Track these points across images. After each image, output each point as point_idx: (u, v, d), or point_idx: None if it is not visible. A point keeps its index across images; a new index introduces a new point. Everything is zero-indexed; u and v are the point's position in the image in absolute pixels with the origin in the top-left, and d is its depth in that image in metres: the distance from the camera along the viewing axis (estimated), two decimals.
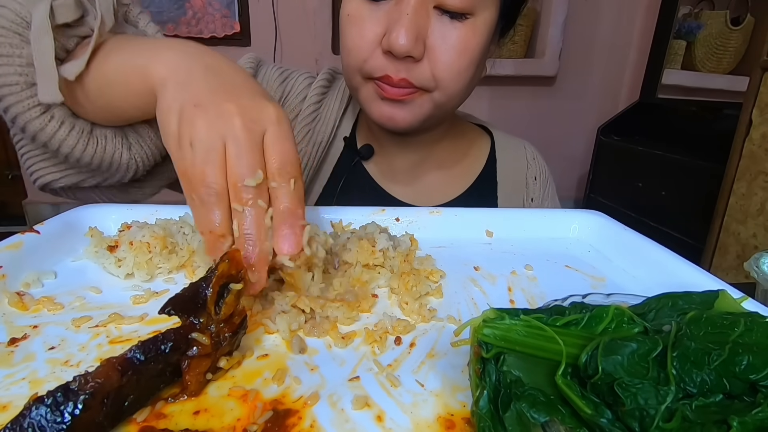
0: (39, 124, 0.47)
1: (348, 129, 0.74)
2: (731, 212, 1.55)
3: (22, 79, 0.46)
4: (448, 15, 0.55)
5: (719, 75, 2.40)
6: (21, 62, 0.45)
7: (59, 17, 0.45)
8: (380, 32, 0.56)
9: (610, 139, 2.22)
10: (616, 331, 0.26)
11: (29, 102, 0.46)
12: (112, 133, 0.52)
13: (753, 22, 2.28)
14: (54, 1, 0.44)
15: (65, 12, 0.45)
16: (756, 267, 0.53)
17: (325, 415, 0.26)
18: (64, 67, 0.45)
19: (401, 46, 0.53)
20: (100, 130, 0.51)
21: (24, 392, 0.26)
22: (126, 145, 0.53)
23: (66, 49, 0.48)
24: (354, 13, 0.57)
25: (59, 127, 0.48)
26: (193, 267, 0.42)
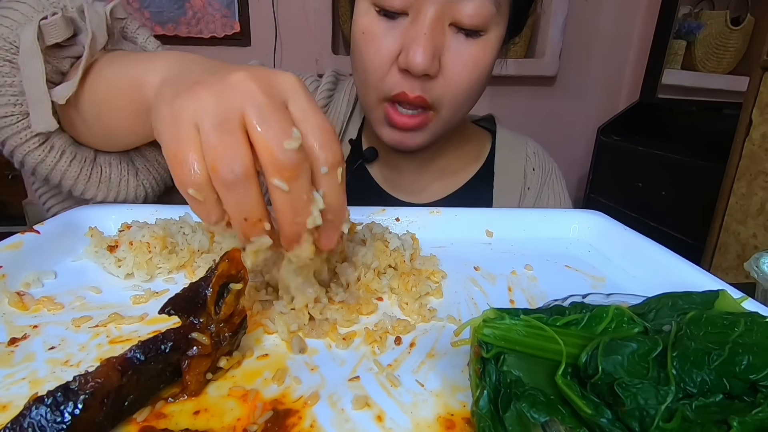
0: (38, 155, 0.44)
1: (354, 131, 0.74)
2: (731, 212, 1.55)
3: (17, 109, 0.43)
4: (463, 32, 0.55)
5: (719, 75, 2.40)
6: (14, 91, 0.43)
7: (48, 38, 0.42)
8: (396, 50, 0.55)
9: (610, 139, 2.21)
10: (616, 331, 0.26)
11: (26, 133, 0.43)
12: (117, 160, 0.49)
13: (753, 22, 2.28)
14: (42, 21, 0.41)
15: (55, 32, 0.42)
16: (756, 267, 0.53)
17: (325, 415, 0.26)
18: (55, 91, 0.42)
19: (419, 65, 0.53)
20: (103, 157, 0.48)
21: (24, 392, 0.26)
22: (132, 171, 0.50)
23: (61, 72, 0.45)
24: (369, 30, 0.57)
25: (60, 158, 0.45)
26: (193, 267, 0.42)
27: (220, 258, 0.30)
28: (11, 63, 0.43)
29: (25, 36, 0.41)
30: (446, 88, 0.57)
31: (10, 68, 0.43)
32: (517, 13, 0.60)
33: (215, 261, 0.30)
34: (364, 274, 0.39)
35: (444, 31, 0.55)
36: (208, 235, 0.44)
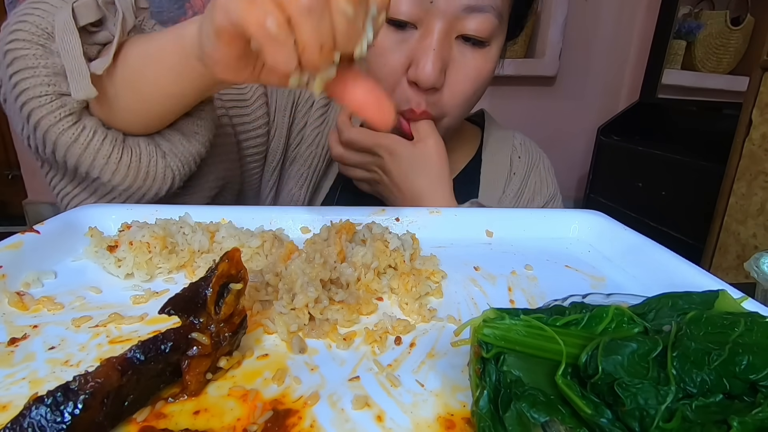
0: (71, 135, 0.45)
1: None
2: (731, 212, 1.55)
3: (50, 89, 0.45)
4: (469, 43, 0.58)
5: (719, 75, 2.40)
6: (47, 72, 0.44)
7: (81, 19, 0.44)
8: (405, 63, 0.57)
9: (610, 139, 2.22)
10: (616, 331, 0.26)
11: (60, 112, 0.45)
12: (145, 142, 0.50)
13: (753, 22, 2.28)
14: (74, 3, 0.44)
15: (87, 13, 0.45)
16: (756, 267, 0.53)
17: (325, 415, 0.26)
18: (92, 64, 0.44)
19: (429, 78, 0.55)
20: (132, 138, 0.50)
21: (24, 392, 0.26)
22: (160, 153, 0.51)
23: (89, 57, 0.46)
24: (378, 43, 0.57)
25: (92, 137, 0.46)
26: (193, 267, 0.42)
27: (220, 258, 0.30)
28: (43, 47, 0.44)
29: (60, 17, 0.44)
30: (450, 99, 0.60)
31: (42, 51, 0.44)
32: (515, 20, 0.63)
33: (215, 261, 0.30)
34: (364, 274, 0.39)
35: (451, 44, 0.57)
36: (208, 234, 0.44)
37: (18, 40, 0.44)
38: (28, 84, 0.44)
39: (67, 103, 0.45)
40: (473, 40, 0.58)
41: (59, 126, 0.45)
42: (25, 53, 0.44)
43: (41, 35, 0.45)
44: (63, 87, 0.45)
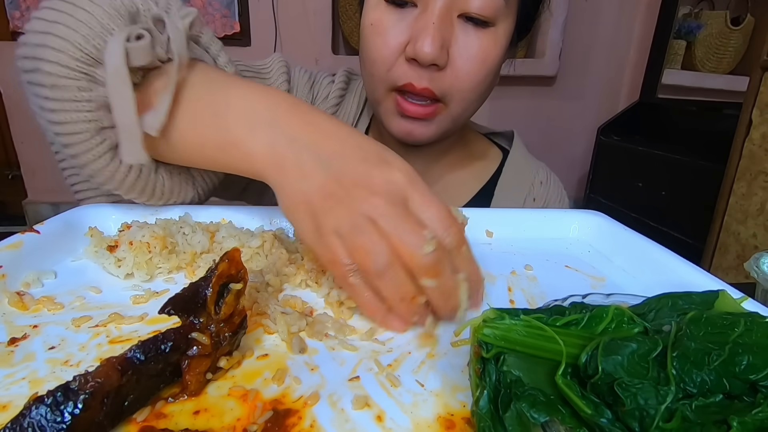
0: (109, 171, 0.42)
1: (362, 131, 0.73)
2: (731, 212, 1.55)
3: (92, 126, 0.40)
4: (471, 23, 0.55)
5: (719, 75, 2.40)
6: (90, 107, 0.40)
7: (134, 61, 0.39)
8: (404, 41, 0.55)
9: (610, 139, 2.22)
10: (616, 331, 0.26)
11: (99, 150, 0.41)
12: (178, 170, 0.48)
13: (753, 22, 2.28)
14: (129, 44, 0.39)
15: (140, 55, 0.39)
16: (756, 267, 0.53)
17: (325, 415, 0.26)
18: (145, 121, 0.39)
19: (427, 54, 0.53)
20: (164, 167, 0.46)
21: (24, 392, 0.26)
22: (190, 180, 0.49)
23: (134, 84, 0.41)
24: (378, 22, 0.57)
25: (128, 174, 0.43)
26: (193, 267, 0.42)
27: (220, 258, 0.30)
28: (88, 76, 0.39)
29: (112, 56, 0.38)
30: (455, 81, 0.57)
31: (87, 82, 0.39)
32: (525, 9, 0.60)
33: (215, 261, 0.30)
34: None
35: (452, 22, 0.55)
36: (208, 235, 0.44)
37: (57, 64, 0.39)
38: (66, 118, 0.40)
39: (106, 137, 0.41)
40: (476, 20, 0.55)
41: (98, 163, 0.42)
42: (65, 83, 0.39)
43: (86, 61, 0.39)
44: (104, 121, 0.41)
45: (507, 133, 0.82)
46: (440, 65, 0.55)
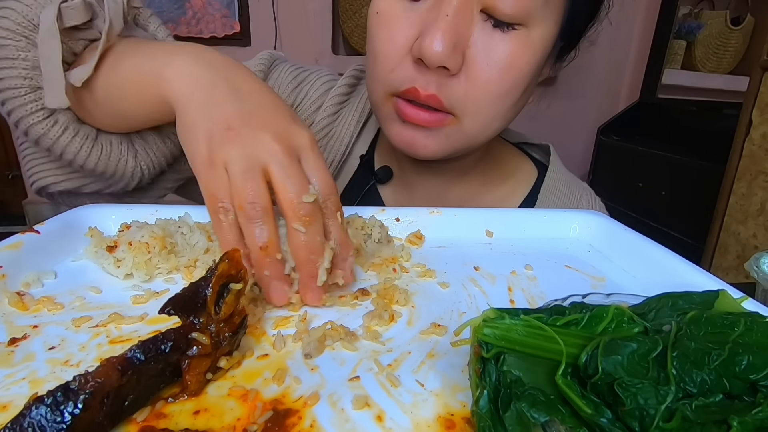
0: (41, 128, 0.46)
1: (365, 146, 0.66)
2: (731, 212, 1.55)
3: (26, 83, 0.45)
4: (496, 23, 0.46)
5: (719, 75, 2.40)
6: (26, 65, 0.44)
7: (67, 20, 0.44)
8: (413, 36, 0.47)
9: (610, 139, 2.22)
10: (616, 331, 0.26)
11: (32, 106, 0.45)
12: (118, 140, 0.50)
13: (753, 22, 2.28)
14: (62, 3, 0.43)
15: (73, 15, 0.44)
16: (756, 267, 0.53)
17: (325, 415, 0.26)
18: (71, 73, 0.44)
19: (435, 54, 0.44)
20: (105, 136, 0.49)
21: (24, 392, 0.26)
22: (132, 152, 0.51)
23: (74, 52, 0.46)
24: (384, 12, 0.49)
25: (62, 133, 0.46)
26: (193, 267, 0.41)
27: (220, 258, 0.30)
28: (27, 39, 0.44)
29: (46, 16, 0.43)
30: (470, 91, 0.48)
31: (25, 43, 0.44)
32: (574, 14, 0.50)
33: (215, 261, 0.30)
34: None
35: (472, 18, 0.46)
36: (205, 234, 0.44)
37: (2, 28, 0.44)
38: (4, 74, 0.44)
39: (40, 97, 0.45)
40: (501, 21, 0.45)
41: (30, 119, 0.45)
42: (6, 43, 0.44)
43: (27, 26, 0.44)
44: (40, 81, 0.45)
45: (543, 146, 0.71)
46: (451, 69, 0.46)
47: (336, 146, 0.64)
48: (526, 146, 0.72)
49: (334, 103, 0.64)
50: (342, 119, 0.65)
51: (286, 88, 0.64)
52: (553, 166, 0.67)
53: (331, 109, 0.64)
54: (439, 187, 0.64)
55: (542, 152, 0.71)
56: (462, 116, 0.50)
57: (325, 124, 0.64)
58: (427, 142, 0.52)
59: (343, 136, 0.64)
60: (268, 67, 0.64)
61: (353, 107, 0.65)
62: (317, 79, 0.66)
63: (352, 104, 0.66)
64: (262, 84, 0.40)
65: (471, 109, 0.49)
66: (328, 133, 0.64)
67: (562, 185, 0.66)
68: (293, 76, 0.65)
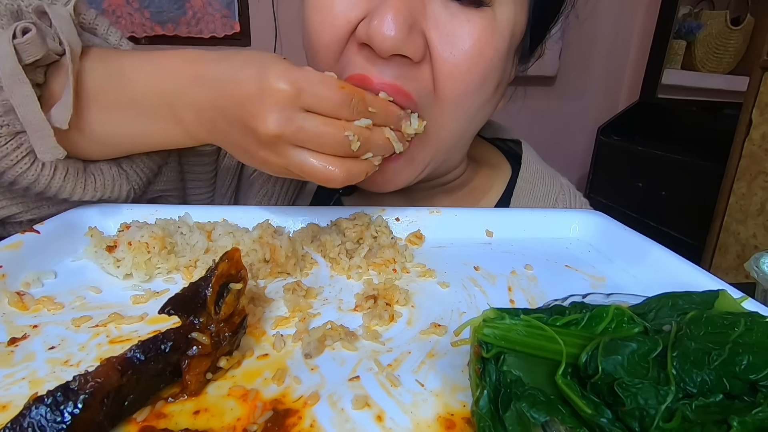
0: (31, 175, 0.41)
1: None
2: (731, 212, 1.55)
3: (4, 131, 0.39)
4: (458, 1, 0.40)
5: (719, 75, 2.40)
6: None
7: (27, 57, 0.38)
8: (355, 17, 0.40)
9: (610, 139, 2.22)
10: (616, 331, 0.26)
11: (16, 155, 0.40)
12: (107, 166, 0.46)
13: (753, 22, 2.28)
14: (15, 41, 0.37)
15: (32, 49, 0.38)
16: (756, 267, 0.53)
17: (325, 415, 0.26)
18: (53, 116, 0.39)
19: (386, 39, 0.37)
20: (94, 165, 0.45)
21: (24, 392, 0.26)
22: (123, 175, 0.48)
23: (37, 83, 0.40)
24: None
25: (53, 175, 0.42)
26: (193, 267, 0.41)
27: (219, 258, 0.30)
28: None
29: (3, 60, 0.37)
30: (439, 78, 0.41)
31: None
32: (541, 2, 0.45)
33: (215, 261, 0.30)
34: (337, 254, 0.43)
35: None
36: (205, 234, 0.44)
37: None
38: None
39: (22, 141, 0.40)
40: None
41: (17, 168, 0.40)
42: None
43: None
44: (17, 125, 0.39)
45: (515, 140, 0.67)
46: (412, 56, 0.39)
47: None
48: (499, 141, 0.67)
49: None
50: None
51: None
52: (525, 165, 0.62)
53: None
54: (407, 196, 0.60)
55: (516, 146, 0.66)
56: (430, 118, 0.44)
57: None
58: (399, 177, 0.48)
59: None
60: None
61: None
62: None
63: None
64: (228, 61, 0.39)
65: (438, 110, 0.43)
66: None
67: (537, 186, 0.61)
68: None
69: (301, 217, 0.51)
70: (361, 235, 0.46)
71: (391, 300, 0.37)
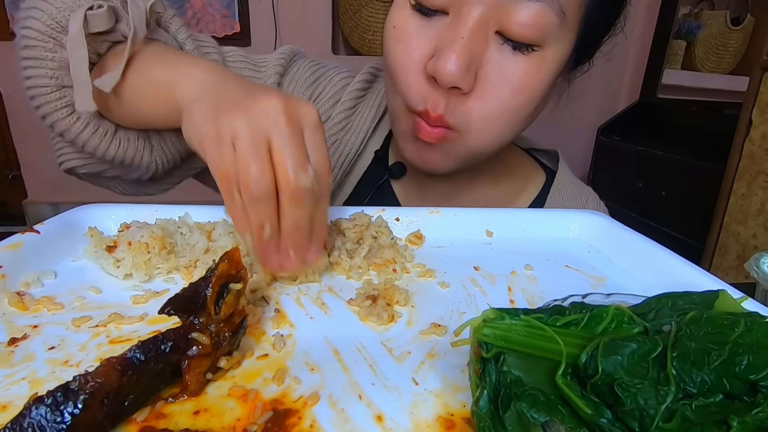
0: (65, 124, 0.49)
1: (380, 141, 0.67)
2: (731, 212, 1.55)
3: (53, 81, 0.48)
4: (511, 44, 0.46)
5: (719, 75, 2.40)
6: (53, 65, 0.47)
7: (93, 26, 0.46)
8: (428, 53, 0.48)
9: (610, 139, 2.22)
10: (616, 331, 0.26)
11: (57, 104, 0.48)
12: (135, 136, 0.53)
13: (753, 22, 2.28)
14: (88, 11, 0.46)
15: (98, 21, 0.47)
16: (756, 267, 0.53)
17: (325, 415, 0.26)
18: (100, 80, 0.46)
19: (449, 74, 0.45)
20: (123, 132, 0.52)
21: (24, 392, 0.26)
22: (148, 148, 0.54)
23: (98, 53, 0.49)
24: (401, 26, 0.49)
25: (84, 128, 0.50)
26: (193, 267, 0.41)
27: (219, 258, 0.30)
28: (54, 40, 0.47)
29: (73, 23, 0.45)
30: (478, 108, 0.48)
31: (53, 44, 0.47)
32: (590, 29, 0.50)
33: (215, 261, 0.30)
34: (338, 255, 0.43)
35: (488, 39, 0.46)
36: (205, 234, 0.44)
37: (31, 29, 0.47)
38: (33, 73, 0.47)
39: (66, 95, 0.48)
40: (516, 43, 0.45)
41: (56, 115, 0.49)
42: (35, 44, 0.47)
43: (55, 27, 0.47)
44: (65, 80, 0.48)
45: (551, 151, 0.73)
46: (464, 89, 0.47)
47: (352, 140, 0.65)
48: (534, 152, 0.74)
49: (351, 98, 0.65)
50: (358, 114, 0.66)
51: (304, 83, 0.65)
52: (561, 170, 0.69)
53: (349, 103, 0.65)
54: (450, 186, 0.65)
55: (550, 157, 0.73)
56: (465, 132, 0.50)
57: (342, 117, 0.65)
58: (434, 158, 0.54)
59: (359, 130, 0.65)
60: (288, 61, 0.65)
61: (369, 103, 0.66)
62: (335, 74, 0.67)
63: (368, 100, 0.66)
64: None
65: (477, 126, 0.50)
66: (345, 127, 0.65)
67: (569, 189, 0.67)
68: (312, 71, 0.66)
69: None
70: (361, 236, 0.46)
71: (391, 300, 0.37)
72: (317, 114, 0.37)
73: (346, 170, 0.66)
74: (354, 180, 0.67)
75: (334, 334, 0.33)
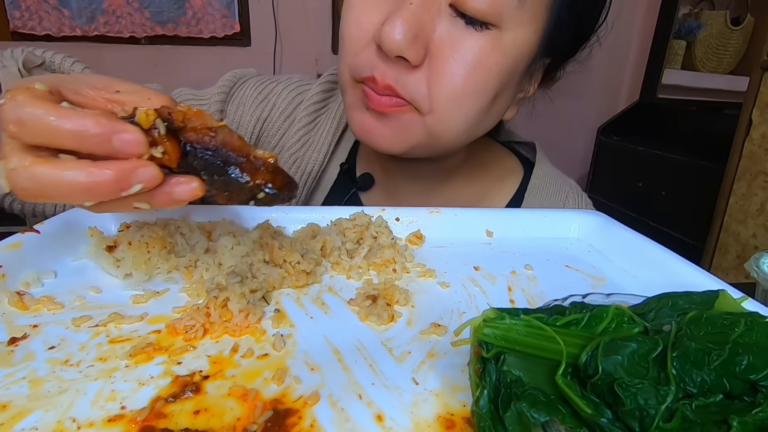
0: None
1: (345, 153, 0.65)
2: (731, 212, 1.55)
3: None
4: (465, 20, 0.44)
5: (719, 75, 2.40)
6: None
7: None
8: (378, 22, 0.45)
9: (610, 139, 2.22)
10: (616, 331, 0.26)
11: None
12: None
13: (753, 22, 2.28)
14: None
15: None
16: (756, 267, 0.53)
17: (325, 415, 0.26)
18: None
19: (393, 42, 0.42)
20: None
21: (24, 392, 0.26)
22: None
23: None
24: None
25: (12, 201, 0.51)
26: (193, 267, 0.41)
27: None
28: None
29: None
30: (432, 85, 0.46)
31: None
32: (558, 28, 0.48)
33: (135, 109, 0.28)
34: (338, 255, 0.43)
35: (439, 11, 0.44)
36: (204, 234, 0.44)
37: None
38: None
39: None
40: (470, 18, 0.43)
41: None
42: None
43: None
44: None
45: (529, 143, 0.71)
46: (411, 60, 0.44)
47: (314, 156, 0.62)
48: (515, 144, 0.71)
49: (309, 112, 0.63)
50: (319, 128, 0.63)
51: (251, 105, 0.62)
52: (539, 164, 0.66)
53: (307, 118, 0.62)
54: (422, 191, 0.63)
55: (530, 149, 0.70)
56: (426, 113, 0.48)
57: (302, 134, 0.62)
58: (385, 132, 0.50)
59: (321, 145, 0.62)
60: (230, 88, 0.63)
61: (331, 114, 0.63)
62: (284, 89, 0.64)
63: (329, 111, 0.64)
64: None
65: (435, 105, 0.47)
66: (306, 143, 0.62)
67: (548, 183, 0.65)
68: (258, 91, 0.63)
69: (301, 217, 0.51)
70: (361, 235, 0.46)
71: (391, 300, 0.37)
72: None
73: (311, 187, 0.63)
74: (321, 196, 0.64)
75: (334, 333, 0.33)
